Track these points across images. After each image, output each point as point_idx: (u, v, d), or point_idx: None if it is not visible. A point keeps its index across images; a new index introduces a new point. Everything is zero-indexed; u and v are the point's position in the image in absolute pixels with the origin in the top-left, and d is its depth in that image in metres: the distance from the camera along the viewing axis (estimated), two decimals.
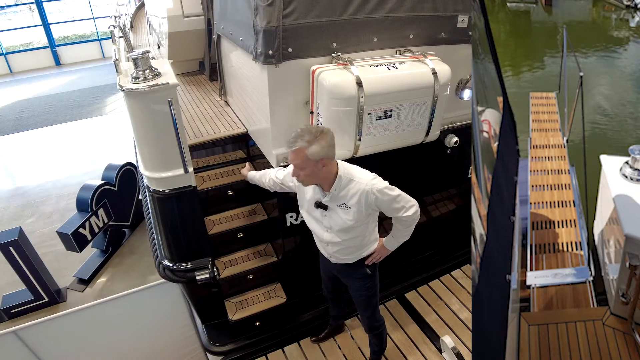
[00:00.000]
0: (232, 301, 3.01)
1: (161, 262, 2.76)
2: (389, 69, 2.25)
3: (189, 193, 2.49)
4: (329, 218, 2.17)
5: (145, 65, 2.22)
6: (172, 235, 2.67)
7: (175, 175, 2.42)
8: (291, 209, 2.76)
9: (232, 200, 3.00)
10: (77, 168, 6.55)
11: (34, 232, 4.94)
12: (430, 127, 2.50)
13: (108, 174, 4.53)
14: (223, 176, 2.97)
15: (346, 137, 2.27)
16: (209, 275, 2.66)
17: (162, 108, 2.20)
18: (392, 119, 2.31)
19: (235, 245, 3.03)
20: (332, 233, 2.22)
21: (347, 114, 2.18)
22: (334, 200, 2.10)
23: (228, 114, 3.24)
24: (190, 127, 3.08)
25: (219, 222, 2.93)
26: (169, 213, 2.58)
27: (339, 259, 2.37)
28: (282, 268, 3.04)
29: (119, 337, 3.77)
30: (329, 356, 3.06)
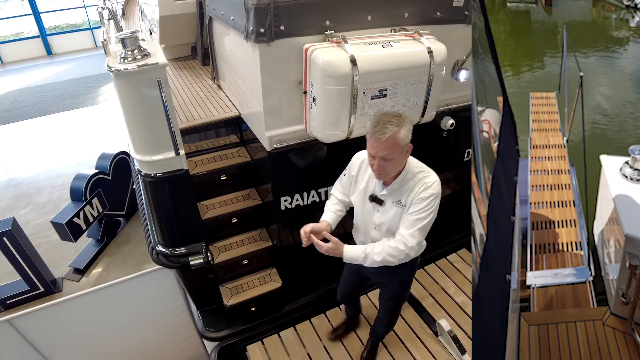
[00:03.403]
0: (227, 286, 3.00)
1: (154, 248, 2.74)
2: (383, 47, 2.21)
3: (180, 176, 2.45)
4: (382, 215, 2.01)
5: (134, 45, 2.17)
6: (164, 220, 2.64)
7: (167, 158, 2.38)
8: (285, 193, 2.73)
9: (226, 185, 2.97)
10: (71, 158, 6.49)
11: (28, 223, 4.90)
12: (426, 107, 2.46)
13: (102, 163, 4.48)
14: (216, 160, 2.93)
15: (340, 117, 2.23)
16: (203, 260, 2.64)
17: (151, 88, 2.16)
18: (387, 99, 2.27)
19: (230, 231, 3.00)
20: (380, 232, 2.07)
21: (341, 92, 2.13)
22: (391, 195, 1.96)
23: (220, 98, 3.18)
24: (182, 111, 3.03)
25: (213, 207, 2.90)
26: (161, 197, 2.54)
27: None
28: (278, 253, 3.02)
29: (114, 325, 3.75)
30: (325, 340, 3.05)
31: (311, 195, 2.81)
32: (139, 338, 3.88)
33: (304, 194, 2.78)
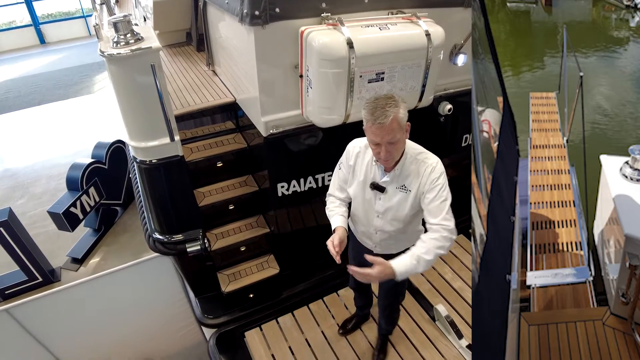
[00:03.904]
0: (224, 273, 3.00)
1: (151, 235, 2.73)
2: (380, 30, 2.17)
3: (176, 163, 2.44)
4: (385, 202, 1.96)
5: (127, 29, 2.13)
6: (160, 207, 2.63)
7: (162, 145, 2.36)
8: (282, 179, 2.72)
9: (222, 171, 2.95)
10: (67, 148, 6.45)
11: (25, 213, 4.88)
12: (424, 91, 2.44)
13: (98, 152, 4.46)
14: (212, 147, 2.90)
15: (337, 101, 2.20)
16: (200, 247, 2.64)
17: (145, 73, 2.13)
18: (384, 82, 2.24)
19: (227, 217, 2.99)
20: (384, 220, 2.02)
21: (338, 76, 2.11)
22: (394, 181, 1.90)
23: (216, 84, 3.15)
24: (176, 97, 2.99)
25: (209, 194, 2.89)
26: (157, 184, 2.52)
27: (385, 248, 2.15)
28: (275, 239, 3.02)
29: (112, 313, 3.76)
30: (323, 325, 3.07)
31: (308, 181, 2.80)
32: (137, 326, 3.90)
33: (301, 180, 2.77)
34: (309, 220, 3.08)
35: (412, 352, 2.86)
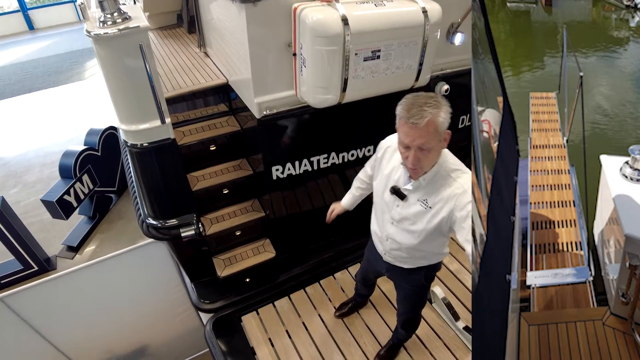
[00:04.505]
0: (220, 258, 2.98)
1: (144, 221, 2.69)
2: (376, 6, 2.11)
3: (168, 146, 2.39)
4: (402, 209, 1.78)
5: (113, 8, 2.06)
6: (153, 192, 2.59)
7: (153, 127, 2.31)
8: (277, 162, 2.67)
9: (216, 155, 2.90)
10: (59, 135, 6.38)
11: (18, 202, 4.84)
12: (421, 70, 2.38)
13: (90, 139, 4.42)
14: (205, 130, 2.85)
15: (331, 80, 2.14)
16: (194, 232, 2.60)
17: (133, 53, 2.06)
18: (380, 60, 2.19)
19: (221, 202, 2.96)
20: (397, 228, 1.86)
21: (332, 54, 2.05)
22: (416, 191, 1.71)
23: (208, 65, 3.08)
24: (167, 79, 2.93)
25: (203, 178, 2.84)
26: (149, 168, 2.48)
27: (394, 259, 2.02)
28: (271, 223, 2.99)
29: (108, 300, 3.75)
30: (320, 308, 3.07)
31: (303, 164, 2.76)
32: (134, 313, 3.89)
33: (296, 163, 2.73)
34: (305, 204, 3.06)
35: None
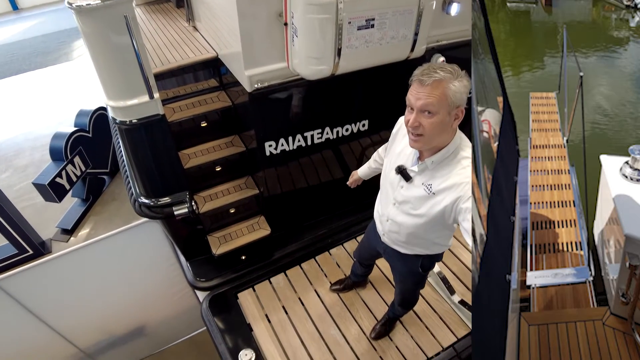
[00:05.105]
0: (215, 236, 2.96)
1: (137, 200, 2.65)
2: None
3: (157, 122, 2.33)
4: (405, 192, 1.72)
5: None
6: (144, 170, 2.54)
7: (141, 103, 2.25)
8: (270, 138, 2.62)
9: (207, 132, 2.84)
10: (49, 118, 6.24)
11: (10, 186, 4.76)
12: (416, 41, 2.32)
13: (80, 120, 4.31)
14: (195, 106, 2.78)
15: (324, 50, 2.08)
16: (188, 210, 2.57)
17: (118, 25, 1.98)
18: (374, 29, 2.12)
19: (214, 179, 2.92)
20: (398, 210, 1.79)
21: (325, 22, 1.97)
22: (422, 173, 1.64)
23: (197, 39, 2.99)
24: (156, 54, 2.84)
25: (194, 155, 2.79)
26: (139, 145, 2.43)
27: (392, 242, 1.98)
28: (265, 200, 2.96)
29: (104, 281, 3.74)
30: (316, 284, 3.08)
31: (297, 139, 2.71)
32: (130, 293, 3.89)
33: (289, 138, 2.68)
34: (299, 181, 3.03)
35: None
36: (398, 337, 2.75)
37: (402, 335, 2.76)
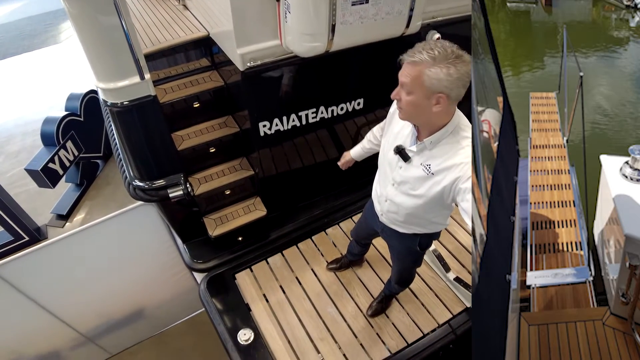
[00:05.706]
0: (211, 218, 2.96)
1: (131, 183, 2.64)
2: None
3: (149, 103, 2.28)
4: (403, 172, 1.72)
5: None
6: (137, 152, 2.51)
7: (132, 84, 2.20)
8: (264, 118, 2.59)
9: (200, 113, 2.80)
10: (39, 102, 6.13)
11: (3, 173, 4.71)
12: (412, 16, 2.28)
13: (71, 104, 4.23)
14: (187, 87, 2.73)
15: (318, 26, 2.04)
16: (183, 192, 2.56)
17: (105, 5, 1.92)
18: (369, 5, 2.08)
19: (208, 161, 2.89)
20: (397, 190, 1.79)
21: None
22: (420, 153, 1.64)
23: (187, 18, 2.92)
24: (146, 34, 2.78)
25: (188, 137, 2.76)
26: (131, 127, 2.39)
27: (390, 221, 1.99)
28: (260, 181, 2.95)
29: (102, 265, 3.74)
30: (312, 263, 3.11)
31: (291, 119, 2.69)
32: (128, 277, 3.90)
33: (284, 118, 2.65)
34: (294, 161, 3.01)
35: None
36: (394, 314, 2.79)
37: (398, 312, 2.80)
